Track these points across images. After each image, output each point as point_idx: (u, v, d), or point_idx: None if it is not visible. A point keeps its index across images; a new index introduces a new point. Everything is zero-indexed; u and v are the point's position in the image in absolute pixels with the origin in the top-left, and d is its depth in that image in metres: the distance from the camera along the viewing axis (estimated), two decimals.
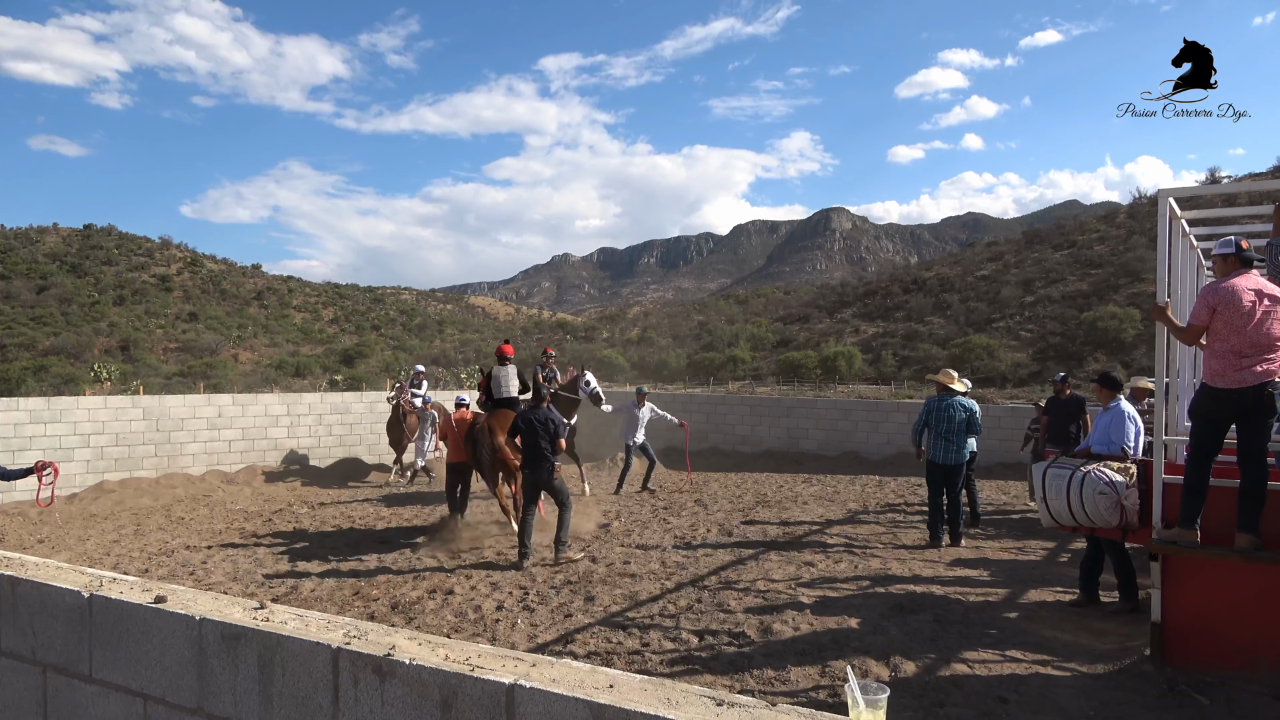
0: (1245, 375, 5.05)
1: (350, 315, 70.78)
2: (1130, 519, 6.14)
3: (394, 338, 61.03)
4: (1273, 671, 5.12)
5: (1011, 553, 9.06)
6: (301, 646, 1.93)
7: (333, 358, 46.02)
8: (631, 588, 7.69)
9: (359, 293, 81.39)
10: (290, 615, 2.14)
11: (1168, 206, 6.05)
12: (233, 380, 34.40)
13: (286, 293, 73.07)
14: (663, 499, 12.97)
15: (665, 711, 1.51)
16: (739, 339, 42.29)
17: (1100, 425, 6.93)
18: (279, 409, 16.38)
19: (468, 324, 75.19)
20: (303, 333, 61.42)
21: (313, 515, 11.92)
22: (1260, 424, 5.12)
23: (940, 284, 43.71)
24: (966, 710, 4.90)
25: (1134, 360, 25.76)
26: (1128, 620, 6.55)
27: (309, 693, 1.93)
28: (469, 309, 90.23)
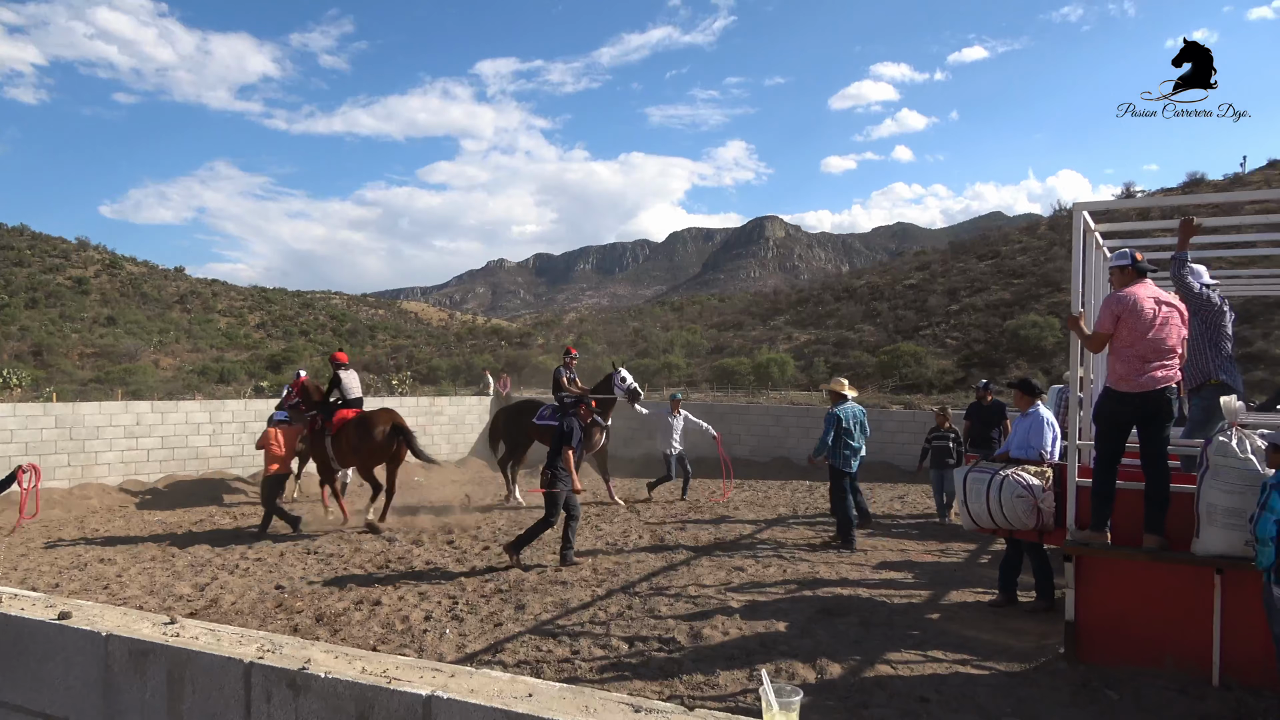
0: (1147, 380, 5.32)
1: (278, 320, 69.10)
2: (1046, 521, 6.35)
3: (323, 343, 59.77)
4: (1178, 667, 5.34)
5: (935, 555, 9.28)
6: (213, 662, 1.88)
7: (259, 364, 44.88)
8: (562, 595, 7.66)
9: (287, 297, 79.51)
10: (202, 630, 2.08)
11: (1082, 220, 6.29)
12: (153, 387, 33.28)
13: (211, 296, 71.02)
14: (594, 505, 12.95)
15: (583, 718, 1.51)
16: (674, 345, 42.52)
17: (1019, 430, 7.16)
18: (201, 416, 15.90)
19: (400, 330, 74.04)
20: (227, 338, 59.75)
21: (235, 526, 11.59)
22: (1160, 429, 5.39)
23: (870, 292, 44.62)
24: (890, 710, 5.01)
25: (1054, 367, 26.65)
26: (1044, 619, 6.76)
27: (220, 710, 1.88)
28: (401, 314, 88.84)
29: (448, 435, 19.91)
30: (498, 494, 14.59)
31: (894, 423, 17.02)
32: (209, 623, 2.20)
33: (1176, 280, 6.23)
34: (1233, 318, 6.38)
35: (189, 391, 29.38)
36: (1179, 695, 5.07)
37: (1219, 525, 5.02)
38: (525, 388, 30.73)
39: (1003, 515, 6.34)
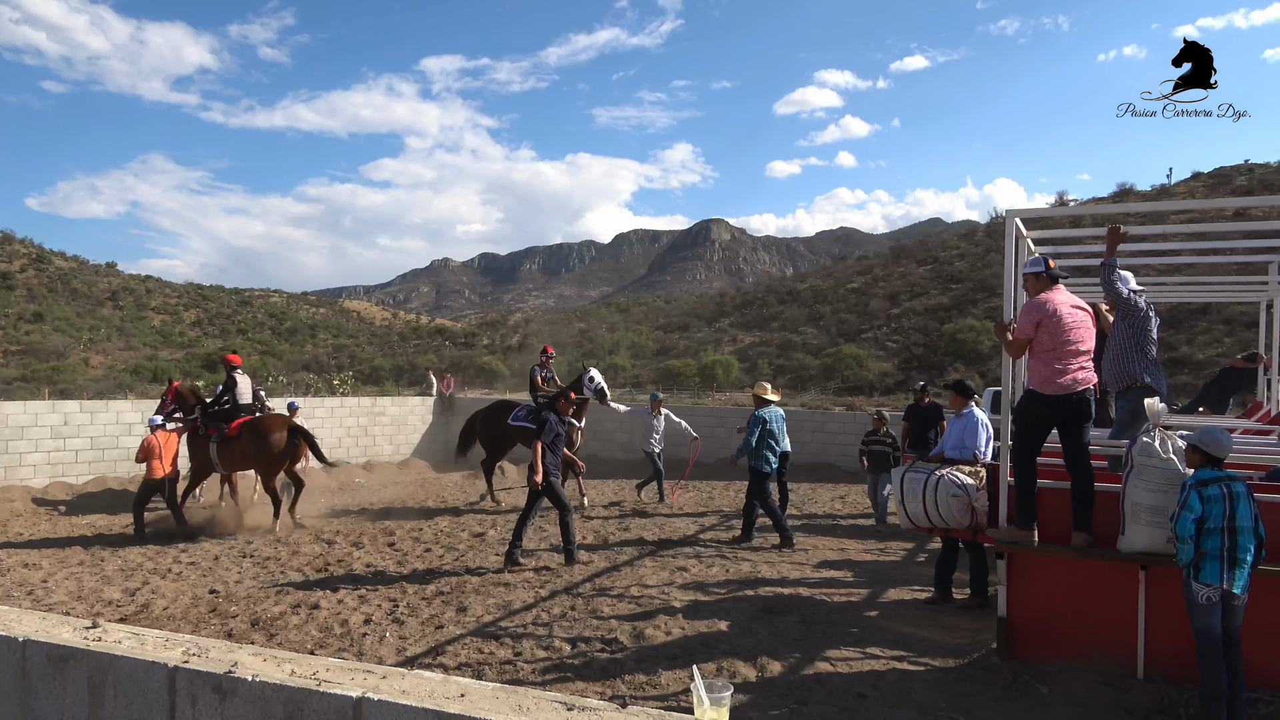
0: (1069, 381, 5.52)
1: (214, 318, 67.40)
2: (980, 520, 6.49)
3: (262, 342, 58.51)
4: (1105, 661, 5.50)
5: (874, 554, 9.43)
6: (136, 666, 1.83)
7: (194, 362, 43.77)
8: (505, 597, 7.62)
9: (224, 294, 77.59)
10: (125, 634, 2.02)
11: (1014, 226, 6.45)
12: (82, 386, 32.23)
13: (144, 293, 68.96)
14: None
15: (516, 718, 1.51)
16: (620, 347, 42.53)
17: (954, 431, 7.32)
18: (132, 416, 15.45)
19: (342, 329, 72.81)
20: (162, 336, 58.10)
21: (169, 530, 11.28)
22: (1081, 429, 5.59)
23: (814, 296, 45.19)
24: (828, 707, 5.08)
25: (990, 370, 27.29)
26: (978, 616, 6.92)
27: (143, 715, 1.83)
28: (343, 313, 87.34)
29: (390, 436, 19.66)
30: (439, 496, 14.44)
31: (836, 424, 17.25)
32: (133, 627, 2.15)
33: (1105, 285, 6.42)
34: (1158, 323, 6.60)
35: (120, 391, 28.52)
36: (1106, 688, 5.23)
37: (1143, 523, 5.19)
38: (470, 388, 30.48)
39: (938, 514, 6.47)
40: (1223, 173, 42.16)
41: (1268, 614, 5.06)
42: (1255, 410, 11.46)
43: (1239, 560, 4.54)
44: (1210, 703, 4.53)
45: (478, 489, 15.26)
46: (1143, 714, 4.90)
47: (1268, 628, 5.07)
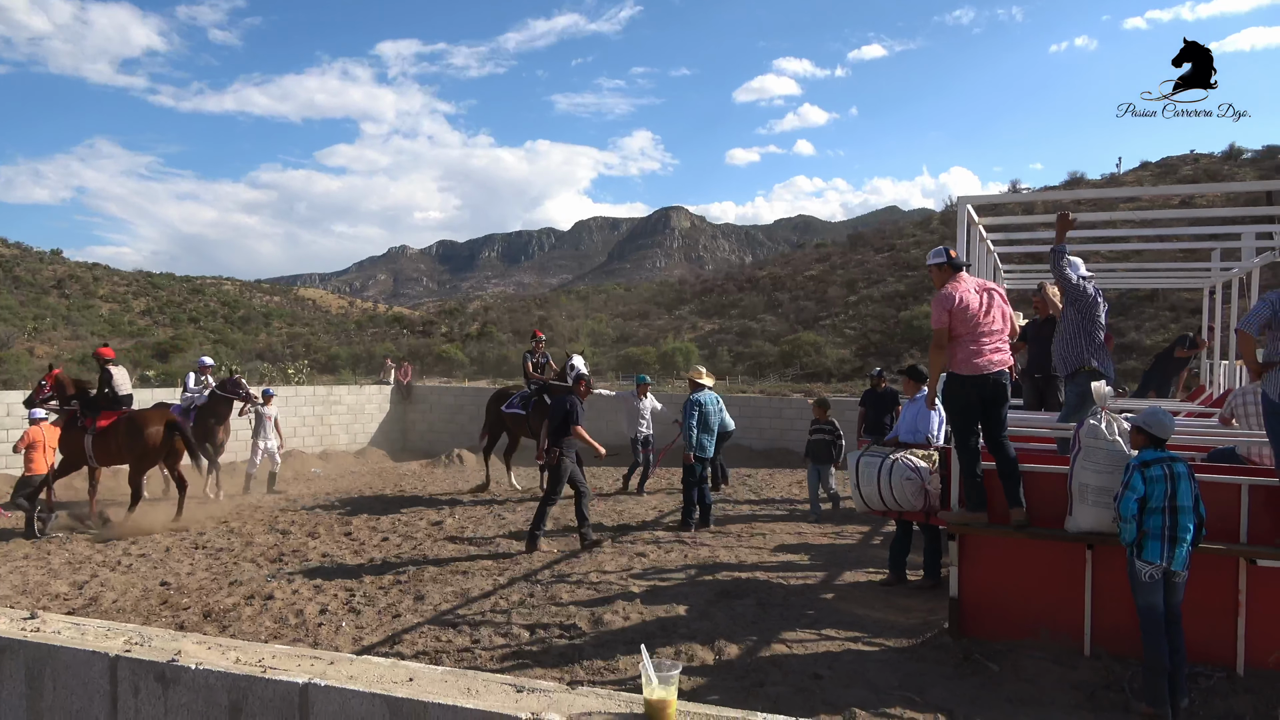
0: (984, 363, 5.69)
1: (165, 306, 65.94)
2: (933, 502, 6.60)
3: (215, 330, 57.40)
4: (1053, 639, 5.64)
5: (830, 537, 9.54)
6: (75, 656, 1.79)
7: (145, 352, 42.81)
8: (463, 584, 7.59)
9: (175, 282, 75.89)
10: (65, 624, 1.98)
11: (966, 213, 6.54)
12: (27, 376, 31.38)
13: (92, 281, 67.23)
14: (498, 493, 12.84)
15: (464, 701, 1.50)
16: (580, 334, 42.44)
17: (907, 416, 7.42)
18: None
19: (297, 317, 71.69)
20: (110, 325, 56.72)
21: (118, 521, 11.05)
22: (998, 410, 5.76)
23: (773, 283, 45.45)
24: (784, 688, 5.14)
25: None
26: (930, 596, 7.04)
27: (84, 706, 1.79)
28: (298, 301, 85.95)
29: (346, 425, 19.44)
30: (397, 485, 14.31)
31: (793, 410, 17.38)
32: (73, 617, 2.10)
33: (1055, 271, 6.55)
34: (1105, 308, 6.74)
35: None
36: (1054, 665, 5.36)
37: (1090, 504, 5.31)
38: (428, 377, 30.21)
39: (892, 497, 6.56)
40: (1169, 162, 43.10)
41: (1209, 591, 5.22)
42: (1198, 394, 11.76)
43: (1179, 539, 4.67)
44: (1153, 677, 4.66)
45: (435, 478, 15.16)
46: (1089, 689, 5.03)
47: (1208, 604, 5.23)
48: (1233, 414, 6.73)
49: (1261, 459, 5.95)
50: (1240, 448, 6.26)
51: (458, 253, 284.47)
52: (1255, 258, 9.30)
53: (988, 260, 8.76)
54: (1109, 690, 5.02)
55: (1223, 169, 37.59)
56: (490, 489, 13.23)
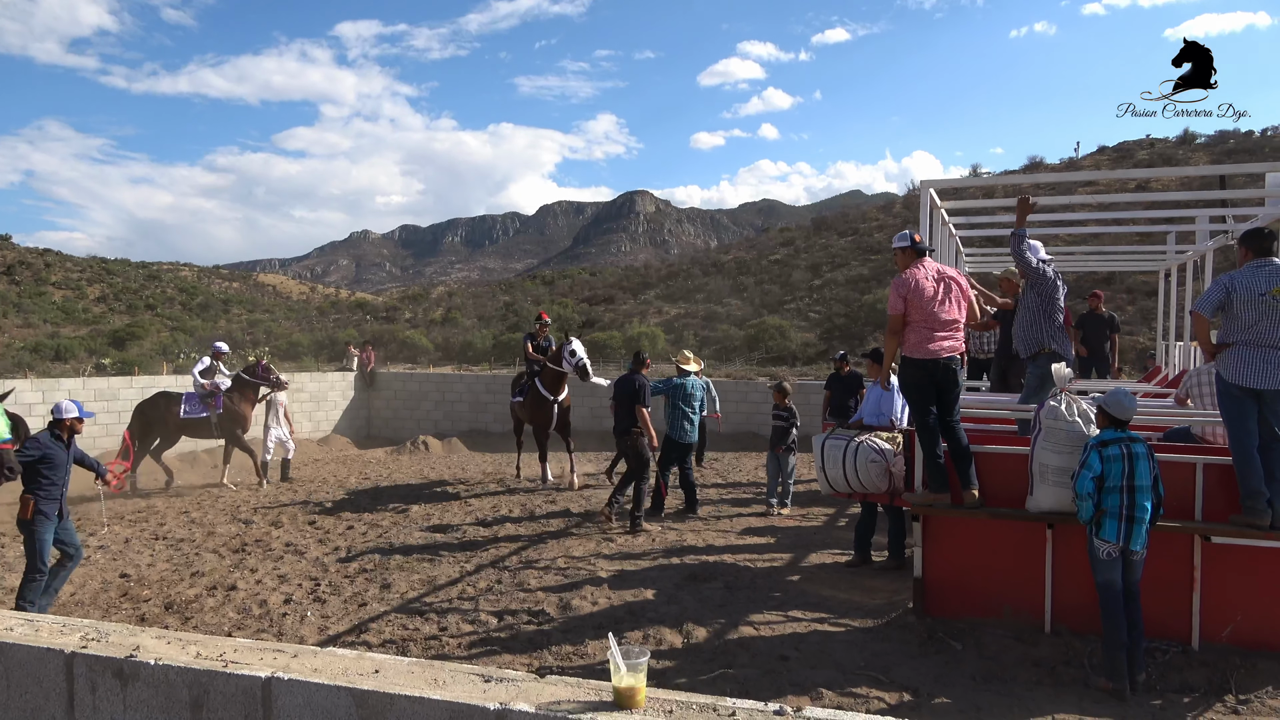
0: (935, 348, 5.78)
1: (120, 293, 64.54)
2: (898, 484, 6.67)
3: (172, 318, 56.31)
4: (1015, 617, 5.74)
5: (796, 520, 9.62)
6: (29, 654, 1.74)
7: (100, 340, 41.91)
8: (430, 572, 7.55)
9: (130, 269, 74.29)
10: (18, 620, 1.92)
11: (929, 197, 6.59)
12: None
13: (43, 267, 65.57)
14: (464, 480, 12.77)
15: (431, 692, 1.48)
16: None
17: (871, 398, 7.48)
18: (32, 396, 14.73)
19: (257, 303, 70.57)
20: (64, 312, 55.42)
21: (74, 513, 10.82)
22: (948, 395, 5.86)
23: (737, 267, 45.54)
24: (752, 670, 5.18)
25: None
26: (895, 577, 7.13)
27: (40, 704, 1.74)
28: (258, 287, 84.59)
29: (309, 413, 19.20)
30: (362, 473, 14.17)
31: (759, 394, 17.47)
32: (25, 614, 2.04)
33: (1015, 255, 6.63)
34: (1064, 290, 6.83)
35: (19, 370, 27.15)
36: (1016, 642, 5.45)
37: (1050, 483, 5.40)
38: (392, 363, 29.92)
39: (857, 479, 6.62)
40: (1126, 147, 43.74)
41: (1165, 568, 5.33)
42: (1154, 375, 12.00)
43: (1137, 518, 4.76)
44: (1112, 652, 4.76)
45: (400, 465, 15.05)
46: (1050, 665, 5.12)
47: (1166, 581, 5.34)
48: (1188, 394, 6.86)
49: (1216, 438, 6.09)
50: (1195, 427, 6.39)
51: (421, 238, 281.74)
52: (1209, 240, 9.49)
53: (949, 244, 8.84)
54: (1069, 666, 5.12)
55: (1177, 153, 38.23)
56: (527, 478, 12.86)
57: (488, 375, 20.97)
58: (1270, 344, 5.02)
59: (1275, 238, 5.26)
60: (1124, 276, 28.54)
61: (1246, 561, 5.31)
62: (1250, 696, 4.70)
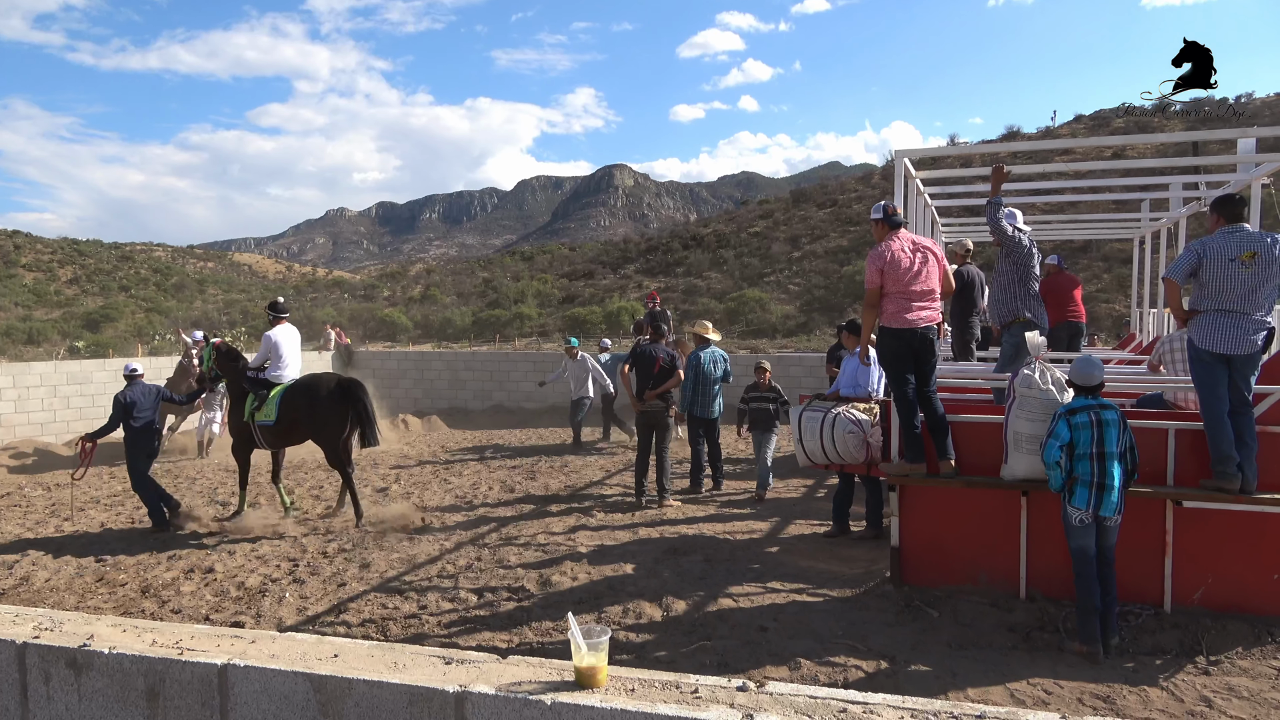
0: (913, 318, 5.81)
1: (93, 275, 63.70)
2: (875, 455, 6.70)
3: (147, 299, 55.66)
4: (991, 583, 5.79)
5: (775, 491, 9.65)
6: None
7: (73, 322, 41.38)
8: (409, 550, 7.52)
9: (103, 249, 73.27)
10: None
11: (904, 166, 6.56)
12: None
13: (13, 250, 64.56)
14: (444, 459, 12.74)
15: (391, 676, 1.46)
16: (525, 296, 42.08)
17: (848, 370, 7.49)
18: (3, 380, 14.52)
19: (233, 283, 69.87)
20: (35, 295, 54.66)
21: (48, 498, 10.73)
22: (926, 366, 5.89)
23: (717, 240, 45.46)
24: (731, 641, 5.20)
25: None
26: (873, 547, 7.18)
27: None
28: (234, 267, 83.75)
29: None
30: None
31: (739, 367, 17.44)
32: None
33: (991, 223, 6.62)
34: (1039, 259, 6.85)
35: None
36: (991, 608, 5.51)
37: (1024, 451, 5.43)
38: (371, 342, 29.74)
39: (835, 450, 6.64)
40: (1102, 115, 43.90)
41: (1138, 533, 5.39)
42: (1128, 341, 12.09)
43: (1107, 485, 4.79)
44: (1086, 616, 4.81)
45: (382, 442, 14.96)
46: (1025, 630, 5.18)
47: (1137, 545, 5.40)
48: (1160, 361, 6.91)
49: (1188, 404, 6.14)
50: (1168, 394, 6.44)
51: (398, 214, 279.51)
52: (1182, 208, 9.53)
53: (925, 214, 8.83)
54: (1044, 631, 5.17)
55: (1153, 121, 38.40)
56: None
57: (467, 353, 20.88)
58: (1240, 310, 5.05)
59: (1246, 204, 5.29)
60: (1100, 244, 28.72)
61: (1217, 525, 5.37)
62: (1220, 657, 4.77)
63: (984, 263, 11.69)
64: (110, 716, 1.62)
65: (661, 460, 8.96)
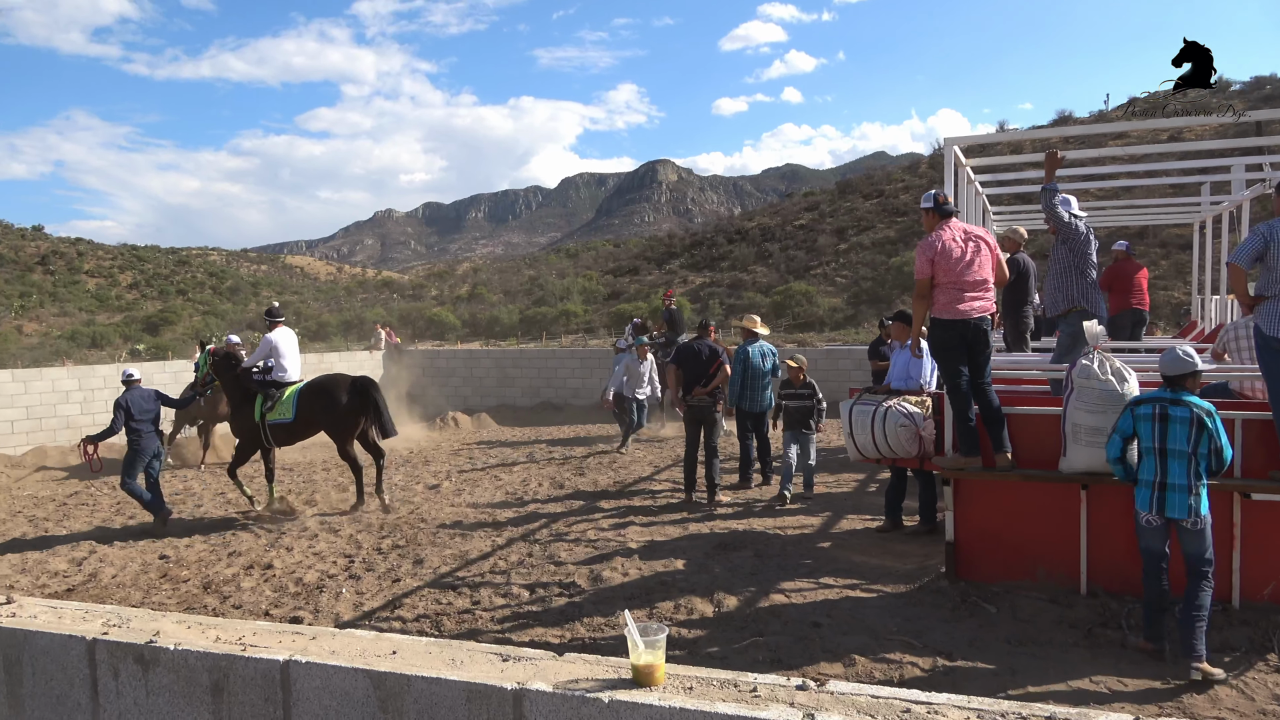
0: (965, 308, 5.68)
1: (152, 279, 65.48)
2: (928, 448, 6.59)
3: (203, 302, 57.10)
4: (1049, 579, 5.66)
5: (826, 486, 9.56)
6: (52, 641, 1.75)
7: (134, 326, 42.57)
8: (462, 546, 7.60)
9: (160, 255, 75.29)
10: (42, 609, 1.94)
11: (953, 155, 6.44)
12: (15, 354, 31.20)
13: (76, 256, 66.62)
14: (494, 455, 12.85)
15: (449, 673, 1.47)
16: (571, 293, 42.28)
17: (899, 362, 7.38)
18: (69, 384, 15.00)
19: (285, 285, 71.33)
20: (98, 300, 56.36)
21: (113, 497, 11.04)
22: (980, 356, 5.76)
23: (762, 234, 45.22)
24: (784, 637, 5.16)
25: None
26: (926, 541, 7.07)
27: (65, 690, 1.76)
28: (286, 269, 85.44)
29: None
30: (392, 449, 14.28)
31: None
32: (56, 600, 2.06)
33: (1045, 210, 6.48)
34: (1096, 246, 6.68)
35: (57, 358, 27.67)
36: (1050, 604, 5.39)
37: (1083, 443, 5.29)
38: (420, 341, 30.11)
39: (887, 444, 6.54)
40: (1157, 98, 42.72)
41: None
42: (1189, 330, 11.76)
43: (1169, 484, 4.47)
44: (1153, 614, 4.66)
45: (431, 441, 15.16)
46: (1086, 627, 5.06)
47: None
48: (1225, 349, 6.70)
49: (1254, 393, 5.94)
50: (1233, 383, 6.24)
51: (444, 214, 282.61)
52: (1245, 190, 9.24)
53: (976, 203, 8.67)
54: (1106, 627, 5.05)
55: (1211, 102, 37.28)
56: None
57: (514, 350, 21.05)
58: None
59: None
60: (1157, 230, 27.97)
61: None
62: None
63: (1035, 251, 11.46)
64: (177, 711, 1.66)
65: (710, 456, 8.92)
